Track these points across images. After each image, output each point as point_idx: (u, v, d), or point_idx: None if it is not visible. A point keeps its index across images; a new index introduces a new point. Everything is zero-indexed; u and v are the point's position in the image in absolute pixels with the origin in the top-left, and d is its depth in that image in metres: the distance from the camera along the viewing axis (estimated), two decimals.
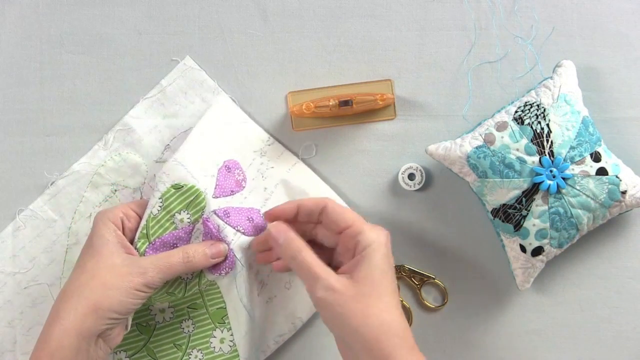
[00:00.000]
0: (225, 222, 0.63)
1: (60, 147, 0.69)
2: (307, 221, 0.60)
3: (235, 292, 0.63)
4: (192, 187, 0.62)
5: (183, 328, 0.65)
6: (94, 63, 0.70)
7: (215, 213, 0.63)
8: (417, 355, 0.53)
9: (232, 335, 0.64)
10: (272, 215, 0.60)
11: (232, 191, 0.66)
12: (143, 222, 0.61)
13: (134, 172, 0.69)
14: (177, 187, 0.62)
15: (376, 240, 0.55)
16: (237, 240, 0.62)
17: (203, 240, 0.63)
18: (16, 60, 0.69)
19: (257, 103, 0.70)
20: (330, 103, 0.68)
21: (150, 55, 0.70)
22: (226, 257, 0.62)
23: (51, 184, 0.68)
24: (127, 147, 0.69)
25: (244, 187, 0.67)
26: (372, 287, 0.54)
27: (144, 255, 0.61)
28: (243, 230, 0.63)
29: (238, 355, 0.64)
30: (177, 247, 0.62)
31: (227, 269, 0.62)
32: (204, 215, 0.62)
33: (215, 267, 0.62)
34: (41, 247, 0.68)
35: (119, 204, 0.64)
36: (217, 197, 0.64)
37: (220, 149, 0.67)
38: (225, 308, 0.64)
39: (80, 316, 0.55)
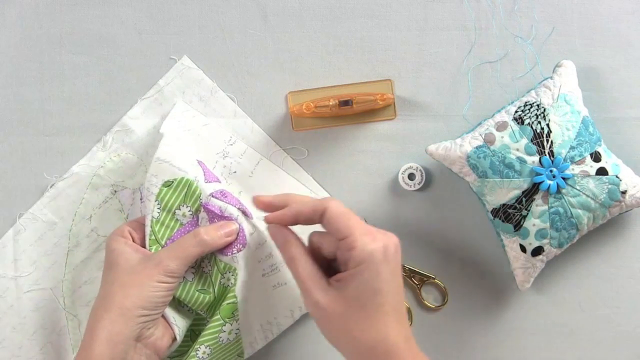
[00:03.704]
0: (226, 202, 0.62)
1: (60, 148, 0.69)
2: (309, 224, 0.57)
3: (248, 272, 0.62)
4: (182, 179, 0.62)
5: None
6: (94, 63, 0.70)
7: (212, 196, 0.62)
8: None
9: (238, 324, 0.63)
10: (270, 219, 0.58)
11: (216, 180, 0.66)
12: (148, 230, 0.62)
13: (133, 172, 0.69)
14: (168, 184, 0.62)
15: (368, 257, 0.52)
16: (242, 217, 0.62)
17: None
18: (16, 60, 0.69)
19: (257, 103, 0.70)
20: (330, 103, 0.68)
21: (151, 55, 0.70)
22: (237, 235, 0.62)
23: (51, 187, 0.68)
24: (126, 147, 0.69)
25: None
26: (360, 308, 0.52)
27: None
28: (243, 210, 0.63)
29: (241, 338, 0.63)
30: None
31: (239, 246, 0.62)
32: (203, 201, 0.62)
33: (227, 247, 0.61)
34: (42, 250, 0.68)
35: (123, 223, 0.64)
36: (210, 182, 0.64)
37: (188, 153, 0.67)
38: (236, 302, 0.62)
39: (108, 323, 0.55)
